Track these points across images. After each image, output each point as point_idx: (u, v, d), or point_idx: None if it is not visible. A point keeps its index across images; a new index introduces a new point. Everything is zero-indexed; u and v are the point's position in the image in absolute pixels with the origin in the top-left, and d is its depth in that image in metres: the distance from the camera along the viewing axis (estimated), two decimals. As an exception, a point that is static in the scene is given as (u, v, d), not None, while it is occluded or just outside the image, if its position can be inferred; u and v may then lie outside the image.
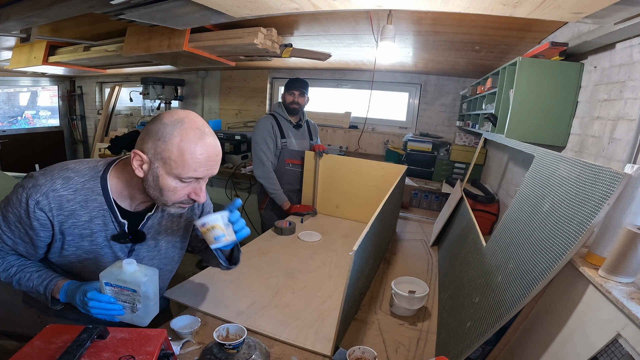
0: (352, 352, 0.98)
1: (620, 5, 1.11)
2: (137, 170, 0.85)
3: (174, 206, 0.90)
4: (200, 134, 0.83)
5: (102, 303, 0.84)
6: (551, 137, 1.70)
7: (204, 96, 4.68)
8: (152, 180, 0.85)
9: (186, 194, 0.87)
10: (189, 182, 0.86)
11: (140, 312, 0.88)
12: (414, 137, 3.48)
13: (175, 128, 0.81)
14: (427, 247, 2.04)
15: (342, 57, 3.02)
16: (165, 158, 0.82)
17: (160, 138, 0.82)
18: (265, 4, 1.53)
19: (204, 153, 0.83)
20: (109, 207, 0.91)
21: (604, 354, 0.68)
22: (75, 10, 1.71)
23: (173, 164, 0.82)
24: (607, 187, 0.75)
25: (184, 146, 0.81)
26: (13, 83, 5.16)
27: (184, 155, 0.81)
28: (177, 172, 0.83)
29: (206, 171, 0.85)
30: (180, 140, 0.81)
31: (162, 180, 0.84)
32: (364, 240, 0.99)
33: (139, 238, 0.99)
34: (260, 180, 2.35)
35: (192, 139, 0.82)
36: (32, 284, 0.90)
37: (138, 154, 0.84)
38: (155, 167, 0.83)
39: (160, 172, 0.83)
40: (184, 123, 0.82)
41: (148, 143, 0.83)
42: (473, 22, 1.77)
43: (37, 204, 0.84)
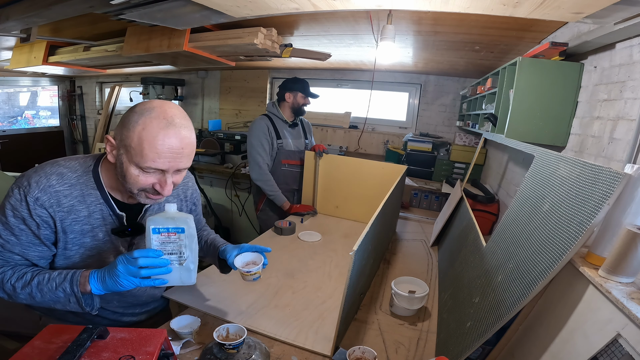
0: (352, 352, 0.98)
1: (620, 5, 1.11)
2: (109, 155, 0.87)
3: (142, 195, 0.88)
4: (165, 124, 0.80)
5: (151, 259, 0.80)
6: (551, 137, 1.70)
7: (204, 96, 4.68)
8: (119, 167, 0.85)
9: (150, 183, 0.85)
10: (152, 173, 0.84)
11: (188, 262, 0.87)
12: (414, 137, 3.48)
13: (142, 116, 0.80)
14: (427, 247, 2.04)
15: (342, 57, 3.02)
16: (127, 145, 0.81)
17: (126, 125, 0.82)
18: (265, 4, 1.53)
19: (165, 144, 0.80)
20: (105, 200, 0.92)
21: (604, 354, 0.68)
22: (75, 10, 1.71)
23: (133, 152, 0.81)
24: (607, 187, 0.75)
25: (143, 135, 0.79)
26: (13, 83, 5.16)
27: (142, 145, 0.80)
28: (136, 160, 0.81)
29: (168, 163, 0.82)
30: (142, 129, 0.79)
31: (125, 167, 0.84)
32: (364, 240, 0.99)
33: (138, 230, 0.98)
34: (258, 182, 2.34)
35: (154, 128, 0.79)
36: (55, 283, 0.82)
37: (109, 139, 0.85)
38: (120, 153, 0.84)
39: (123, 159, 0.83)
40: (152, 112, 0.81)
41: (117, 129, 0.85)
42: (473, 22, 1.77)
43: (36, 201, 0.83)
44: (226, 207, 3.70)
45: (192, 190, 1.18)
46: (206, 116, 4.71)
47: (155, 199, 0.89)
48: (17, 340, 1.69)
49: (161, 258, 0.83)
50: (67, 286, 0.82)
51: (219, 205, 3.68)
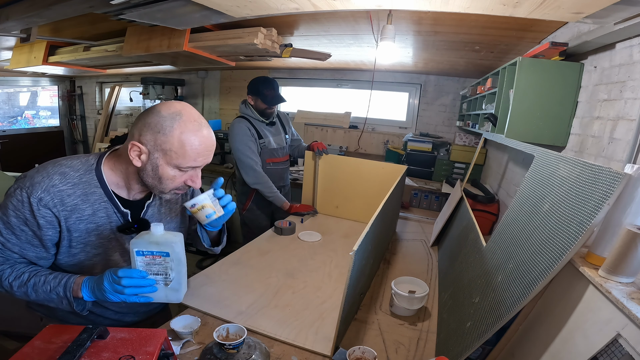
0: (352, 352, 0.98)
1: (620, 5, 1.11)
2: (134, 160, 0.88)
3: (171, 193, 0.94)
4: (198, 125, 0.88)
5: (135, 279, 0.81)
6: (551, 137, 1.70)
7: (204, 96, 4.68)
8: (151, 170, 0.88)
9: (183, 181, 0.92)
10: (186, 171, 0.91)
11: (174, 284, 0.87)
12: (414, 137, 3.48)
13: (175, 121, 0.86)
14: (427, 247, 2.04)
15: (342, 57, 3.02)
16: (166, 150, 0.86)
17: (160, 130, 0.85)
18: (265, 4, 1.53)
19: (203, 144, 0.88)
20: (109, 198, 0.93)
21: (604, 354, 0.68)
22: (75, 10, 1.71)
23: (174, 155, 0.86)
24: (607, 187, 0.75)
25: (184, 138, 0.86)
26: (13, 83, 5.16)
27: (184, 147, 0.86)
28: (177, 162, 0.87)
29: (204, 160, 0.91)
30: (181, 133, 0.85)
31: (161, 170, 0.88)
32: (364, 241, 0.99)
33: (143, 227, 0.99)
34: (256, 186, 2.25)
35: (191, 131, 0.86)
36: (49, 286, 0.85)
37: (136, 145, 0.86)
38: (155, 157, 0.87)
39: (160, 162, 0.87)
40: (182, 116, 0.87)
41: (147, 135, 0.86)
42: (473, 22, 1.77)
43: (40, 201, 0.84)
44: None
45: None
46: (206, 116, 4.71)
47: (181, 193, 0.97)
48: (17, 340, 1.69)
49: (146, 278, 0.84)
50: (60, 290, 0.85)
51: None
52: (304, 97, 4.35)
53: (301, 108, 4.20)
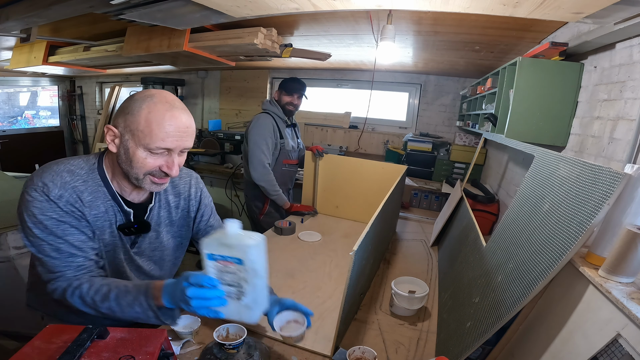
0: (352, 352, 0.98)
1: (620, 5, 1.11)
2: (110, 145, 0.86)
3: (147, 181, 0.88)
4: (169, 106, 0.84)
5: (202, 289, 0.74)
6: (551, 137, 1.70)
7: (204, 96, 4.68)
8: (124, 154, 0.86)
9: (157, 165, 0.87)
10: (159, 154, 0.86)
11: (248, 299, 0.74)
12: (414, 137, 3.48)
13: (144, 102, 0.84)
14: (427, 247, 2.04)
15: (342, 57, 3.02)
16: (133, 130, 0.83)
17: (129, 112, 0.84)
18: (265, 4, 1.53)
19: (173, 124, 0.84)
20: (112, 197, 0.91)
21: (604, 354, 0.68)
22: (75, 10, 1.71)
23: (141, 135, 0.83)
24: (607, 187, 0.75)
25: (151, 117, 0.82)
26: (13, 83, 5.16)
27: (150, 126, 0.82)
28: (145, 142, 0.83)
29: (175, 142, 0.85)
30: (148, 112, 0.82)
31: (132, 152, 0.84)
32: (364, 240, 0.99)
33: (144, 227, 0.98)
34: (261, 183, 2.23)
35: (159, 110, 0.83)
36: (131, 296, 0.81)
37: (110, 128, 0.86)
38: (125, 139, 0.85)
39: (130, 144, 0.84)
40: (154, 97, 0.84)
41: (118, 118, 0.86)
42: (473, 22, 1.77)
43: (60, 198, 0.81)
44: (226, 207, 3.71)
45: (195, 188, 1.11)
46: (206, 116, 4.71)
47: (161, 182, 0.90)
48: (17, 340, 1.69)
49: (216, 288, 0.75)
50: (142, 300, 0.81)
51: (219, 206, 3.68)
52: (304, 97, 4.34)
53: (301, 108, 4.18)
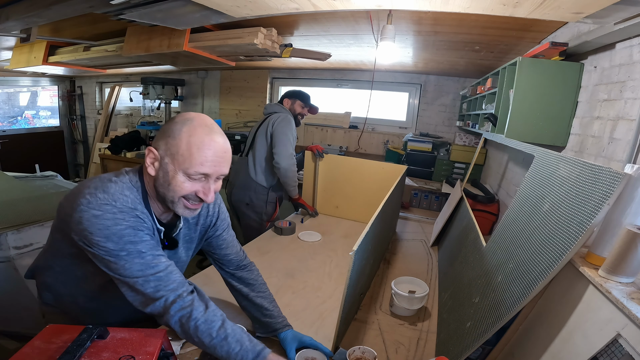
0: (352, 352, 0.98)
1: (620, 5, 1.11)
2: (149, 167, 0.86)
3: (181, 205, 0.87)
4: (208, 130, 0.84)
5: None
6: (551, 137, 1.70)
7: (204, 96, 4.68)
8: (162, 177, 0.85)
9: (193, 191, 0.86)
10: (197, 179, 0.85)
11: None
12: (414, 137, 3.48)
13: (185, 125, 0.84)
14: (427, 247, 2.04)
15: (342, 57, 3.03)
16: (174, 153, 0.83)
17: (170, 135, 0.84)
18: (265, 4, 1.53)
19: (212, 149, 0.84)
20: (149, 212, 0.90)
21: (604, 354, 0.68)
22: (75, 10, 1.71)
23: (181, 159, 0.83)
24: (607, 187, 0.75)
25: (191, 141, 0.82)
26: (13, 83, 5.16)
27: (190, 150, 0.82)
28: (184, 166, 0.83)
29: (213, 167, 0.85)
30: (189, 136, 0.83)
31: (170, 176, 0.84)
32: (364, 240, 0.98)
33: (172, 245, 0.98)
34: (287, 172, 2.19)
35: (199, 134, 0.83)
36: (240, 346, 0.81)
37: (152, 150, 0.85)
38: (165, 163, 0.84)
39: (169, 167, 0.84)
40: (194, 121, 0.85)
41: (160, 141, 0.85)
42: (473, 22, 1.77)
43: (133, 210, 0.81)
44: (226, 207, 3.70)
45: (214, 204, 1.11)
46: (206, 116, 4.71)
47: (194, 208, 0.90)
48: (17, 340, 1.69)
49: None
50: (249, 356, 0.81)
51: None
52: (304, 97, 4.35)
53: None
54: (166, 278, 0.81)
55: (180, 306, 0.79)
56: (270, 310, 1.11)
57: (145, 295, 0.79)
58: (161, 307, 0.79)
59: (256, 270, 1.18)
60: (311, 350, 1.01)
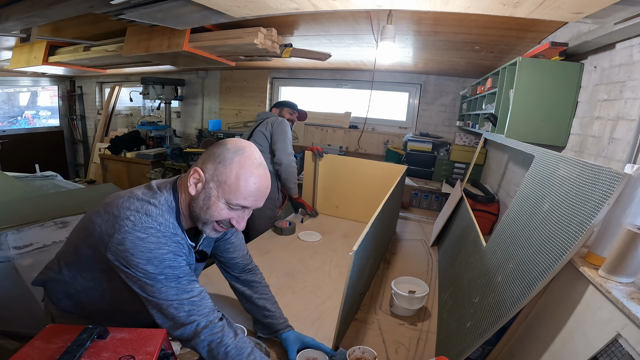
0: (352, 352, 0.98)
1: (620, 5, 1.11)
2: (191, 187, 0.86)
3: (211, 227, 0.89)
4: (257, 164, 0.86)
5: None
6: (551, 137, 1.70)
7: (204, 96, 4.69)
8: (203, 200, 0.86)
9: (229, 218, 0.88)
10: (235, 209, 0.87)
11: None
12: (414, 137, 3.48)
13: (237, 155, 0.85)
14: (427, 247, 2.04)
15: (342, 57, 3.02)
16: (221, 181, 0.84)
17: (221, 161, 0.84)
18: (265, 4, 1.53)
19: (257, 184, 0.85)
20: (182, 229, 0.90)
21: (604, 354, 0.68)
22: (75, 10, 1.71)
23: (227, 189, 0.84)
24: (607, 187, 0.75)
25: (241, 173, 0.84)
26: (13, 83, 5.16)
27: (239, 182, 0.84)
28: (229, 196, 0.84)
29: (254, 201, 0.87)
30: (240, 167, 0.84)
31: (212, 201, 0.85)
32: (363, 241, 0.98)
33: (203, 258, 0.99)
34: (289, 168, 2.24)
35: (249, 167, 0.84)
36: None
37: (198, 171, 0.85)
38: (209, 187, 0.85)
39: (213, 192, 0.85)
40: (245, 152, 0.86)
41: (208, 164, 0.85)
42: (473, 22, 1.77)
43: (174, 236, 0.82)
44: None
45: None
46: (206, 116, 4.72)
47: (222, 231, 0.91)
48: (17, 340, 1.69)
49: None
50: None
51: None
52: (304, 97, 4.35)
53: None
54: (199, 303, 0.81)
55: (212, 331, 0.80)
56: (272, 311, 1.11)
57: (176, 319, 0.80)
58: (192, 331, 0.79)
59: (260, 273, 1.19)
60: (312, 351, 1.01)
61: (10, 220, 1.80)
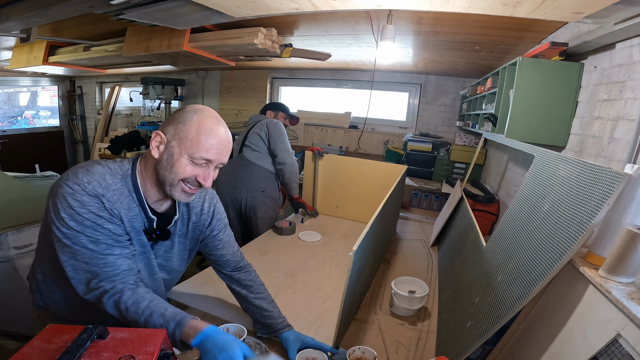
0: (352, 352, 0.98)
1: (620, 5, 1.11)
2: (154, 150, 0.89)
3: (179, 188, 0.91)
4: (216, 121, 0.91)
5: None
6: (551, 137, 1.70)
7: (204, 96, 4.68)
8: (166, 159, 0.89)
9: (194, 175, 0.90)
10: (199, 165, 0.89)
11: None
12: (414, 137, 3.48)
13: (195, 114, 0.90)
14: (427, 247, 2.04)
15: (342, 57, 3.02)
16: (182, 138, 0.88)
17: (181, 121, 0.89)
18: (265, 4, 1.53)
19: (218, 137, 0.90)
20: (140, 204, 0.92)
21: (604, 354, 0.68)
22: (75, 10, 1.71)
23: (188, 143, 0.87)
24: (607, 187, 0.75)
25: (200, 128, 0.88)
26: (13, 83, 5.16)
27: (199, 136, 0.87)
28: (191, 151, 0.87)
29: (217, 155, 0.90)
30: (199, 123, 0.88)
31: (175, 158, 0.88)
32: (364, 240, 0.98)
33: (164, 235, 0.99)
34: (292, 167, 2.24)
35: (208, 123, 0.89)
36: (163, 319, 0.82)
37: (159, 134, 0.90)
38: (171, 146, 0.89)
39: (175, 150, 0.88)
40: (204, 111, 0.91)
41: (169, 126, 0.90)
42: (473, 22, 1.77)
43: (102, 196, 0.83)
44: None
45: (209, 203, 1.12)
46: (206, 116, 4.71)
47: (191, 192, 0.93)
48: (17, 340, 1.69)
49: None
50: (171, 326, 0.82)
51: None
52: (304, 97, 4.35)
53: (301, 108, 4.21)
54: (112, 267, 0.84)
55: (113, 293, 0.83)
56: (270, 311, 1.11)
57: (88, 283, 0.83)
58: (98, 294, 0.83)
59: (254, 271, 1.18)
60: (312, 351, 1.01)
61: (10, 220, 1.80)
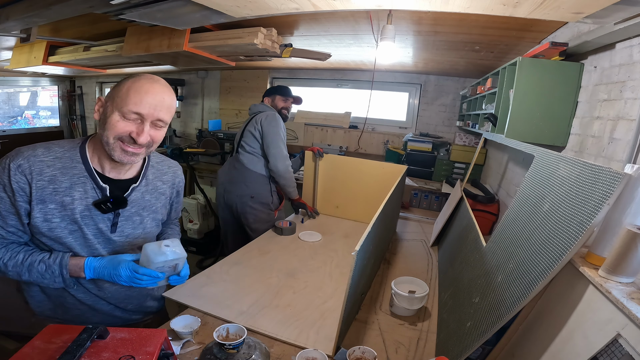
0: (352, 352, 0.98)
1: (620, 5, 1.11)
2: (95, 114, 0.96)
3: (117, 147, 0.92)
4: (151, 81, 0.93)
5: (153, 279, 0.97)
6: (551, 137, 1.70)
7: (204, 96, 4.68)
8: (102, 120, 0.93)
9: (127, 131, 0.91)
10: (132, 120, 0.91)
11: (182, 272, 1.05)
12: (414, 137, 3.48)
13: (132, 77, 0.93)
14: (427, 247, 2.04)
15: (342, 57, 3.02)
16: (114, 96, 0.92)
17: (117, 85, 0.94)
18: (265, 4, 1.53)
19: (149, 91, 0.91)
20: (88, 173, 0.96)
21: (604, 354, 0.68)
22: (75, 10, 1.71)
23: (119, 100, 0.90)
24: (607, 187, 0.75)
25: (132, 86, 0.91)
26: (13, 83, 5.16)
27: (128, 92, 0.90)
28: (120, 105, 0.90)
29: (149, 109, 0.91)
30: (132, 83, 0.92)
31: (107, 115, 0.92)
32: (365, 240, 0.99)
33: (120, 203, 1.00)
34: (286, 174, 2.21)
35: (142, 82, 0.92)
36: (45, 265, 0.92)
37: (100, 99, 0.95)
38: (106, 106, 0.93)
39: (108, 109, 0.92)
40: (142, 76, 0.94)
41: (109, 92, 0.95)
42: (473, 22, 1.77)
43: (18, 167, 0.88)
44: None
45: (180, 179, 1.22)
46: (206, 116, 4.71)
47: (130, 151, 0.94)
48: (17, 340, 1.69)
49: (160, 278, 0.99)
50: (56, 269, 0.92)
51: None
52: (304, 97, 4.34)
53: (301, 108, 4.21)
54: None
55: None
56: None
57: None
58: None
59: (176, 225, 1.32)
60: (312, 351, 1.01)
61: (10, 220, 1.80)
